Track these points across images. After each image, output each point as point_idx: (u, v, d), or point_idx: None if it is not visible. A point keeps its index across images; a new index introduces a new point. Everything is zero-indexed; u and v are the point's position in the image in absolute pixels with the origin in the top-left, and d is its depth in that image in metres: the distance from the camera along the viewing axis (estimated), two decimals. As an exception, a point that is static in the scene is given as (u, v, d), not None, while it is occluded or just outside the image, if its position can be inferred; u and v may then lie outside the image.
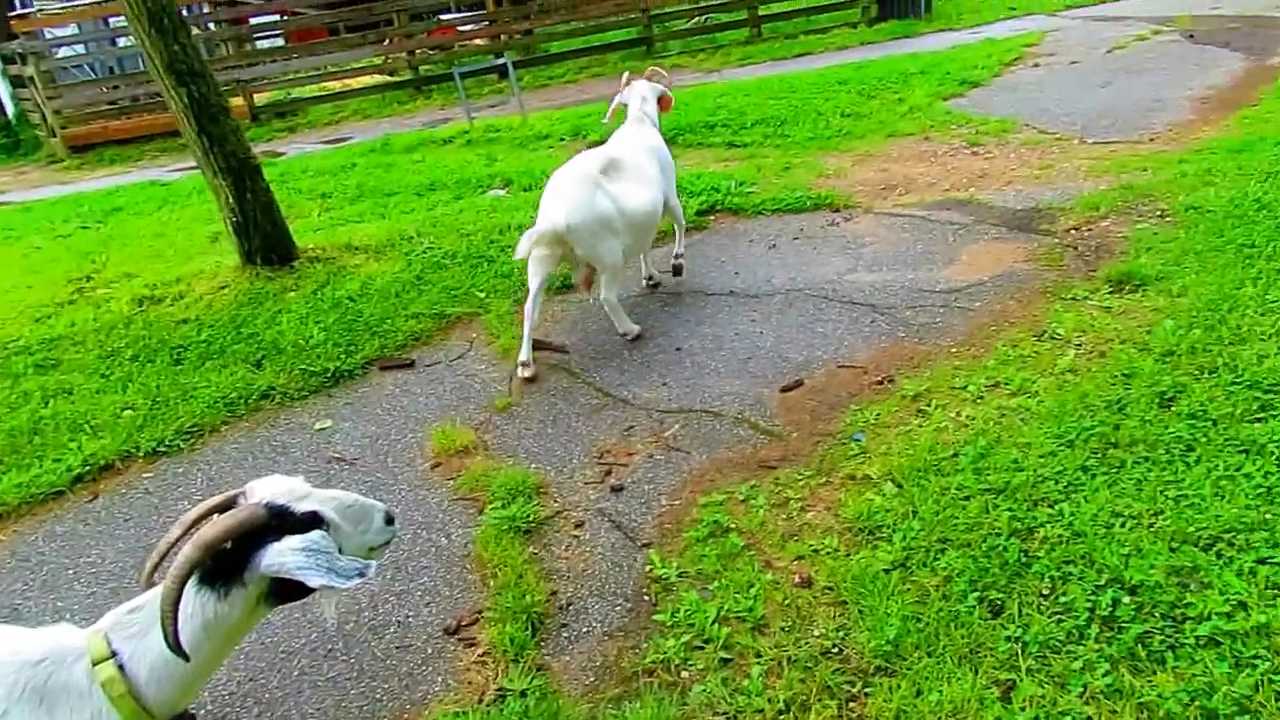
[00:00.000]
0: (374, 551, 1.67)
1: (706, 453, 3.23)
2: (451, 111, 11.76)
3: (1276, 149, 4.98)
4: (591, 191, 3.86)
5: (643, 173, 4.18)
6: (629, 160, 4.17)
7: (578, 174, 3.93)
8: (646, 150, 4.33)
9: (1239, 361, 3.02)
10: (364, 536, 1.65)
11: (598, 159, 4.06)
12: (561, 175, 3.98)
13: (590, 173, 3.93)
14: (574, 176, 3.92)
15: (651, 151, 4.35)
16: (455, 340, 4.40)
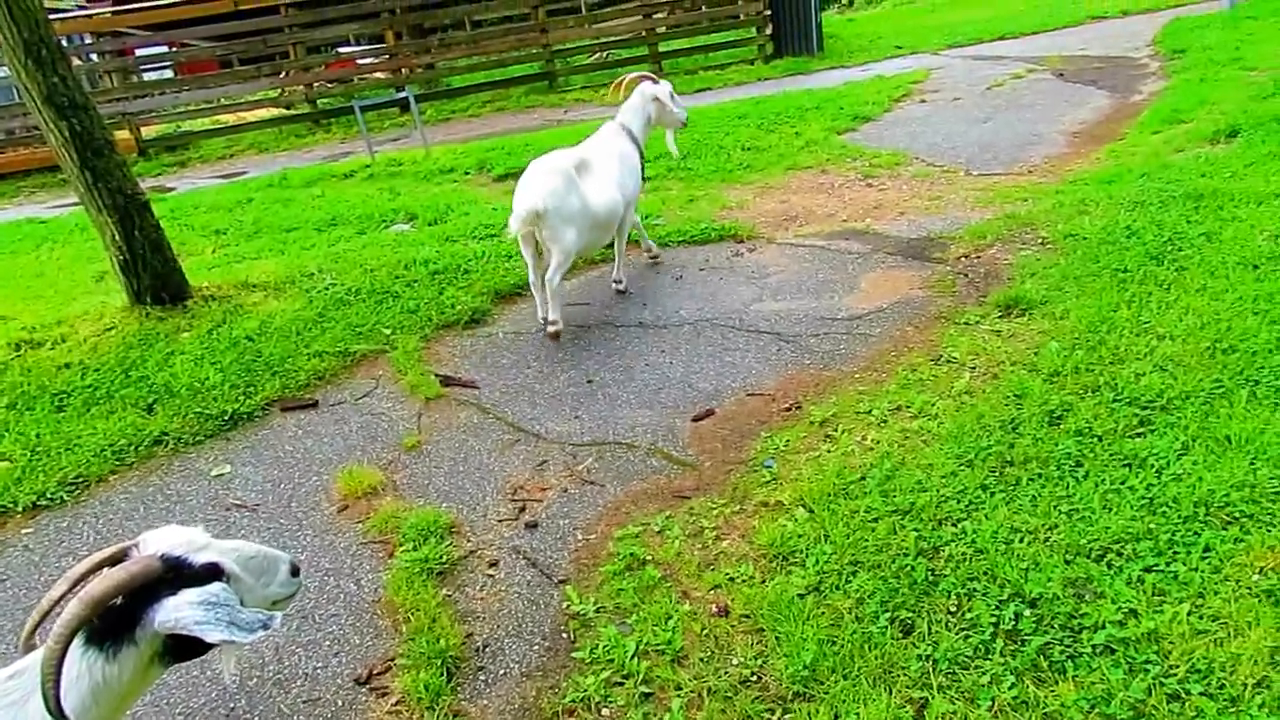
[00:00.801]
0: (278, 604, 1.59)
1: (621, 485, 3.23)
2: (352, 145, 11.56)
3: (1141, 180, 5.34)
4: (565, 183, 4.24)
5: (608, 175, 4.57)
6: (597, 162, 4.57)
7: (555, 166, 4.30)
8: (617, 156, 4.71)
9: (1119, 380, 3.20)
10: (267, 589, 1.57)
11: (572, 157, 4.43)
12: (540, 165, 4.31)
13: (565, 167, 4.31)
14: (552, 168, 4.28)
15: (620, 158, 4.72)
16: (360, 378, 4.29)
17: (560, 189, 4.20)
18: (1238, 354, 3.21)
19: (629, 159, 4.81)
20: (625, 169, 4.74)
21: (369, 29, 14.34)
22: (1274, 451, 2.64)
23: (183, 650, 1.42)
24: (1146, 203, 4.88)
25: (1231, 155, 5.44)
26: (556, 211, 4.18)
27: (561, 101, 13.27)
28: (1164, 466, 2.69)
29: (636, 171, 4.85)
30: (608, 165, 4.63)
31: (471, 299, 4.96)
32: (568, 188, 4.24)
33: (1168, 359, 3.27)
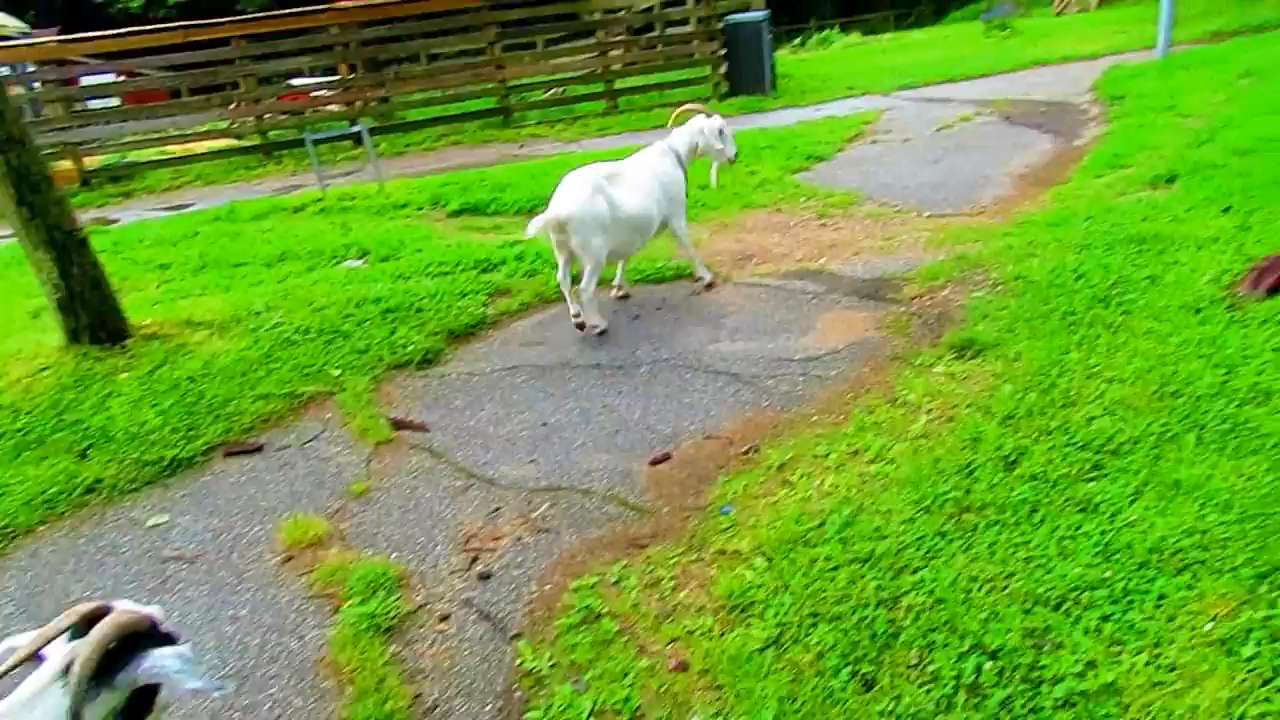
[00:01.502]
0: None
1: (577, 533, 3.16)
2: (303, 178, 11.41)
3: (1087, 223, 5.46)
4: (593, 192, 4.56)
5: (641, 185, 4.92)
6: (631, 174, 4.92)
7: (585, 177, 4.63)
8: (653, 172, 5.07)
9: (1071, 424, 3.23)
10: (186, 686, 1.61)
11: (605, 169, 4.79)
12: (572, 176, 4.68)
13: (595, 178, 4.64)
14: (581, 179, 4.62)
15: (657, 175, 5.08)
16: (308, 422, 4.16)
17: (586, 198, 4.52)
18: (1184, 398, 3.26)
19: (667, 176, 5.15)
20: (661, 185, 5.07)
21: (323, 61, 14.24)
22: (1221, 497, 2.67)
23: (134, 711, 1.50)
24: (1092, 246, 4.99)
25: (1171, 200, 5.60)
26: (581, 220, 4.48)
27: (517, 136, 13.27)
28: (1117, 512, 2.71)
29: (675, 189, 5.19)
30: (642, 178, 4.97)
31: (424, 338, 4.87)
32: (594, 196, 4.55)
33: (1117, 402, 3.32)
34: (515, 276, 5.82)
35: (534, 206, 7.91)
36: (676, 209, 5.22)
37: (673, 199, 5.17)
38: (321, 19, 13.49)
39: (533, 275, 5.83)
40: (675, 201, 5.19)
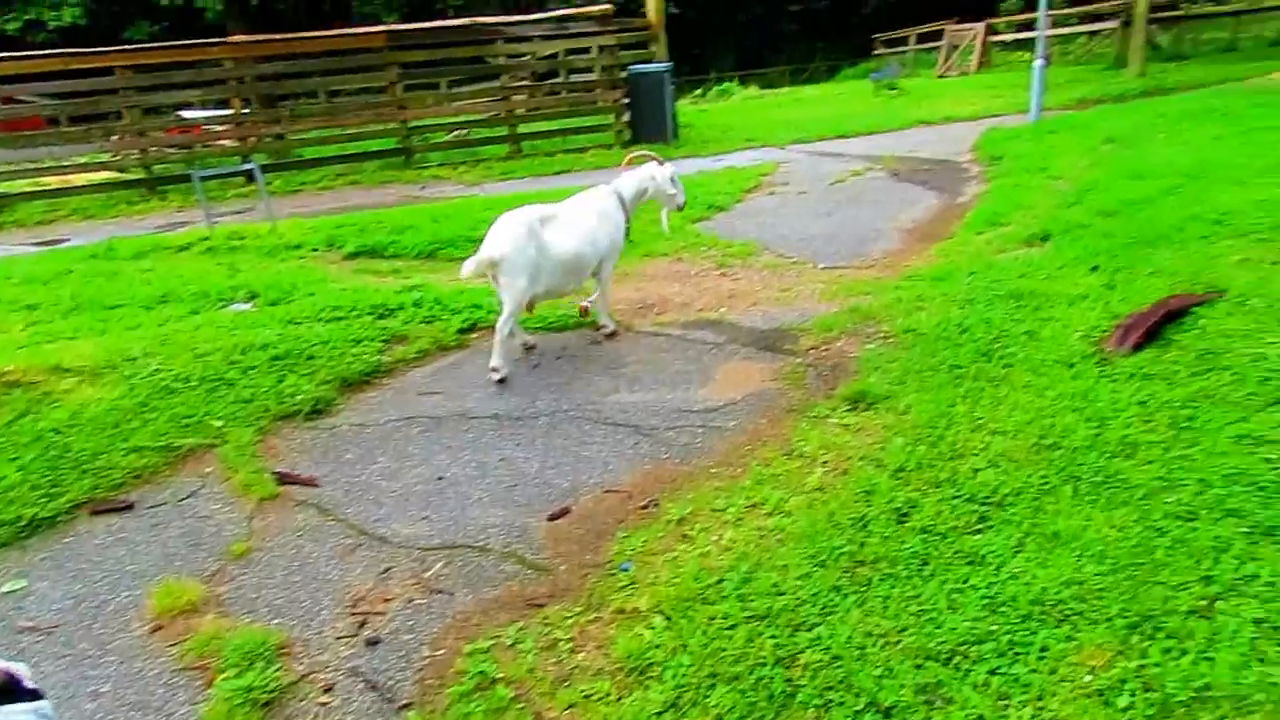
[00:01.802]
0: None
1: (471, 593, 3.06)
2: (190, 214, 10.96)
3: (969, 279, 5.73)
4: (524, 234, 4.64)
5: (576, 227, 4.96)
6: (566, 215, 4.97)
7: (517, 219, 4.70)
8: (594, 213, 5.12)
9: (958, 476, 3.34)
10: None
11: (540, 211, 4.85)
12: (505, 217, 4.73)
13: (529, 219, 4.72)
14: (514, 220, 4.70)
15: (598, 216, 5.12)
16: (185, 476, 3.94)
17: (520, 238, 4.62)
18: (1060, 450, 3.42)
19: (610, 217, 5.22)
20: (603, 225, 5.13)
21: (214, 95, 13.80)
22: (1096, 548, 2.79)
23: None
24: (975, 300, 5.22)
25: (1045, 258, 5.94)
26: (512, 261, 4.59)
27: (418, 178, 13.12)
28: (1002, 564, 2.80)
29: (616, 233, 5.26)
30: (579, 219, 5.02)
31: (315, 387, 4.69)
32: (528, 239, 4.65)
33: (1000, 455, 3.45)
34: (413, 323, 5.70)
35: (435, 250, 7.83)
36: (612, 253, 5.29)
37: (613, 242, 5.25)
38: (214, 52, 13.11)
39: (431, 322, 5.71)
40: (614, 245, 5.28)
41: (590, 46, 14.92)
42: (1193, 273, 5.01)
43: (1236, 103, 11.97)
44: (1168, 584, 2.58)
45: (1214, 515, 2.86)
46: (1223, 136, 9.54)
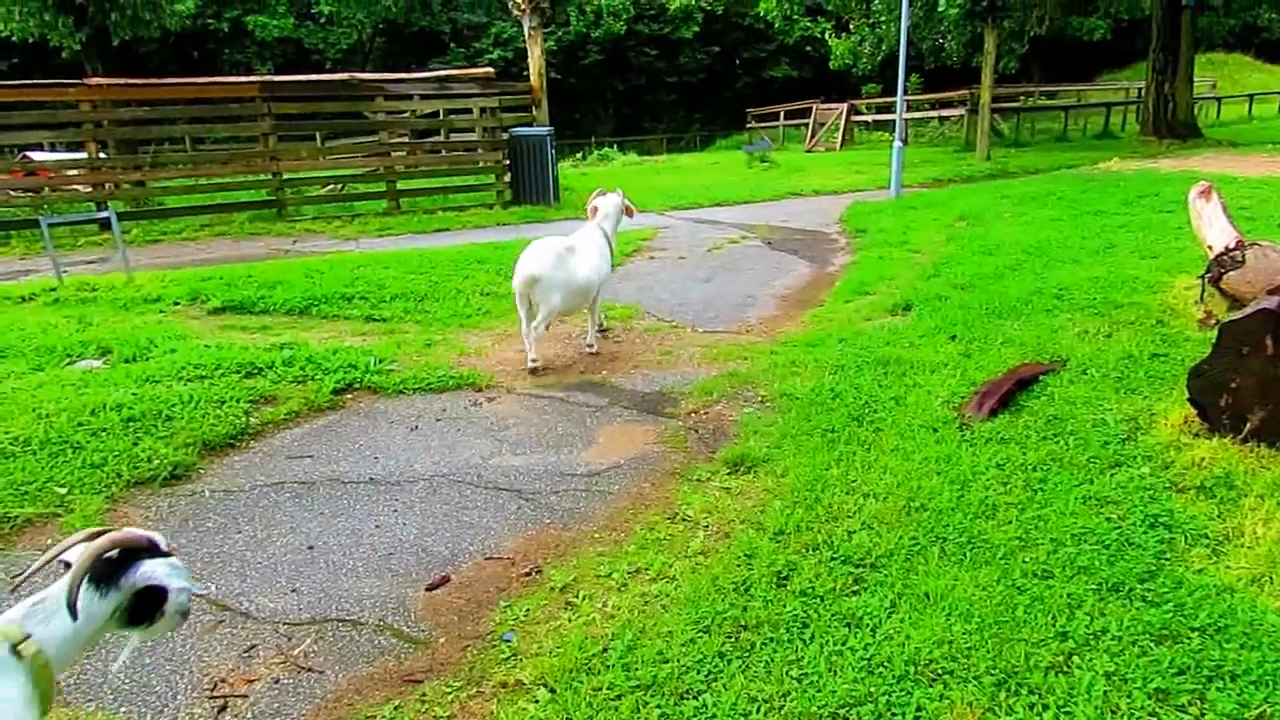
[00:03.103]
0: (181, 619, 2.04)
1: (343, 670, 2.91)
2: (35, 263, 10.24)
3: (840, 345, 6.00)
4: (555, 259, 5.75)
5: (589, 259, 6.07)
6: (581, 247, 6.08)
7: (551, 246, 5.82)
8: (596, 247, 6.22)
9: (834, 538, 3.44)
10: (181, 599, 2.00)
11: (564, 242, 5.94)
12: (539, 244, 5.82)
13: (558, 247, 5.84)
14: (548, 247, 5.80)
15: (598, 249, 6.22)
16: (23, 549, 3.59)
17: (552, 262, 5.70)
18: (928, 512, 3.58)
19: (603, 250, 6.30)
20: (600, 256, 6.19)
21: (67, 138, 13.04)
22: (963, 607, 2.92)
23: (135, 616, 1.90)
24: (845, 367, 5.46)
25: (908, 327, 6.30)
26: (548, 279, 5.66)
27: (290, 230, 12.73)
28: (877, 625, 2.89)
29: (606, 261, 6.30)
30: (589, 251, 6.11)
31: (173, 451, 4.41)
32: (558, 263, 5.75)
33: (873, 517, 3.58)
34: (283, 382, 5.46)
35: (309, 306, 7.58)
36: (605, 279, 6.32)
37: (606, 270, 6.30)
38: (69, 94, 12.43)
39: (303, 381, 5.49)
40: (606, 273, 6.31)
41: (471, 108, 15.00)
42: (1039, 343, 5.42)
43: (1070, 188, 13.17)
44: (1029, 640, 2.72)
45: (1067, 573, 3.06)
46: (1060, 218, 10.46)
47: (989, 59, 20.25)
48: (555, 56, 33.31)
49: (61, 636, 1.76)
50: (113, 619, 1.87)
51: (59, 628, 1.76)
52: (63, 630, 1.76)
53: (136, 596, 1.87)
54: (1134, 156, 18.47)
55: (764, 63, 41.52)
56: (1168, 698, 2.45)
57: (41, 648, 1.72)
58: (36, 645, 1.71)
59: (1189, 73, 22.10)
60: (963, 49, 23.87)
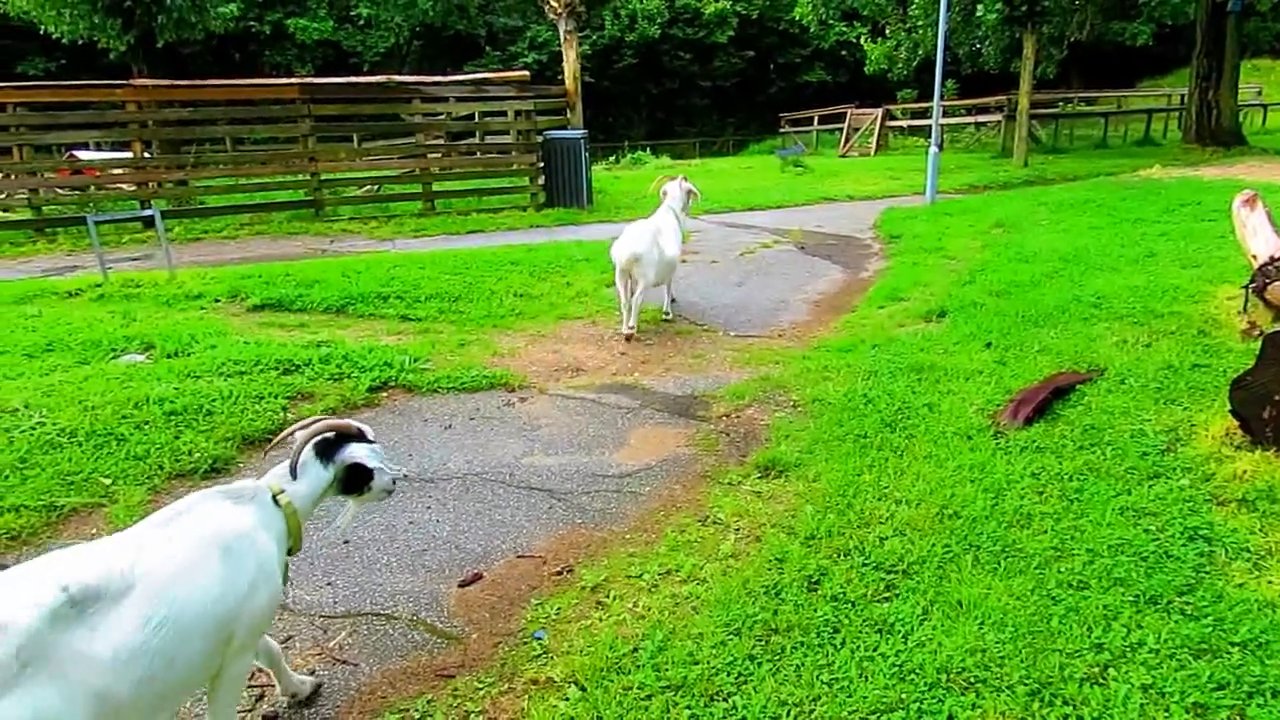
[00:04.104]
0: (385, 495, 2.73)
1: (378, 664, 2.96)
2: (81, 259, 10.48)
3: (873, 351, 5.97)
4: (652, 238, 6.78)
5: (672, 238, 7.07)
6: (664, 229, 7.07)
7: (645, 228, 6.86)
8: (673, 228, 7.19)
9: (866, 544, 3.43)
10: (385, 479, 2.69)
11: (654, 224, 7.03)
12: (635, 228, 6.85)
13: (652, 229, 6.90)
14: (644, 229, 6.84)
15: (674, 230, 7.20)
16: (68, 538, 3.68)
17: (649, 242, 6.72)
18: (961, 520, 3.56)
19: (676, 230, 7.25)
20: (675, 235, 7.16)
21: (113, 137, 13.34)
22: (996, 616, 2.90)
23: (347, 485, 2.60)
24: (879, 373, 5.44)
25: (943, 333, 6.25)
26: (646, 257, 6.67)
27: (328, 230, 12.90)
28: (909, 632, 2.88)
29: (680, 237, 7.28)
30: (670, 232, 7.11)
31: (213, 445, 4.50)
32: (652, 243, 6.75)
33: (905, 524, 3.57)
34: (320, 379, 5.55)
35: (345, 304, 7.68)
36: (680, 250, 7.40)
37: (680, 243, 7.30)
38: (116, 94, 12.71)
39: (339, 379, 5.57)
40: (680, 245, 7.34)
41: (506, 110, 15.12)
42: (1076, 352, 5.36)
43: (1109, 196, 12.97)
44: (1063, 651, 2.70)
45: (1103, 584, 3.02)
46: (1098, 226, 10.30)
47: (1027, 64, 20.01)
48: (590, 60, 33.47)
49: (303, 494, 2.47)
50: (332, 486, 2.56)
51: (300, 487, 2.47)
52: (303, 489, 2.48)
53: (347, 470, 2.55)
54: (1176, 164, 18.17)
55: (798, 67, 41.36)
56: (1206, 713, 2.42)
57: (291, 500, 2.44)
58: (288, 497, 2.44)
59: (1234, 79, 21.67)
60: (1001, 54, 23.60)
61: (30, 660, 1.72)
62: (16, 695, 1.69)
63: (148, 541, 2.09)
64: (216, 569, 2.12)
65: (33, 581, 1.85)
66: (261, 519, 2.33)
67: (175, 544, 2.10)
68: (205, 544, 2.14)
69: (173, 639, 1.97)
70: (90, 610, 1.86)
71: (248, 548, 2.22)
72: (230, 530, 2.21)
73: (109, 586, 1.92)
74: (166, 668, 1.96)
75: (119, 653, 1.87)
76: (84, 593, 1.86)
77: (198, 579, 2.08)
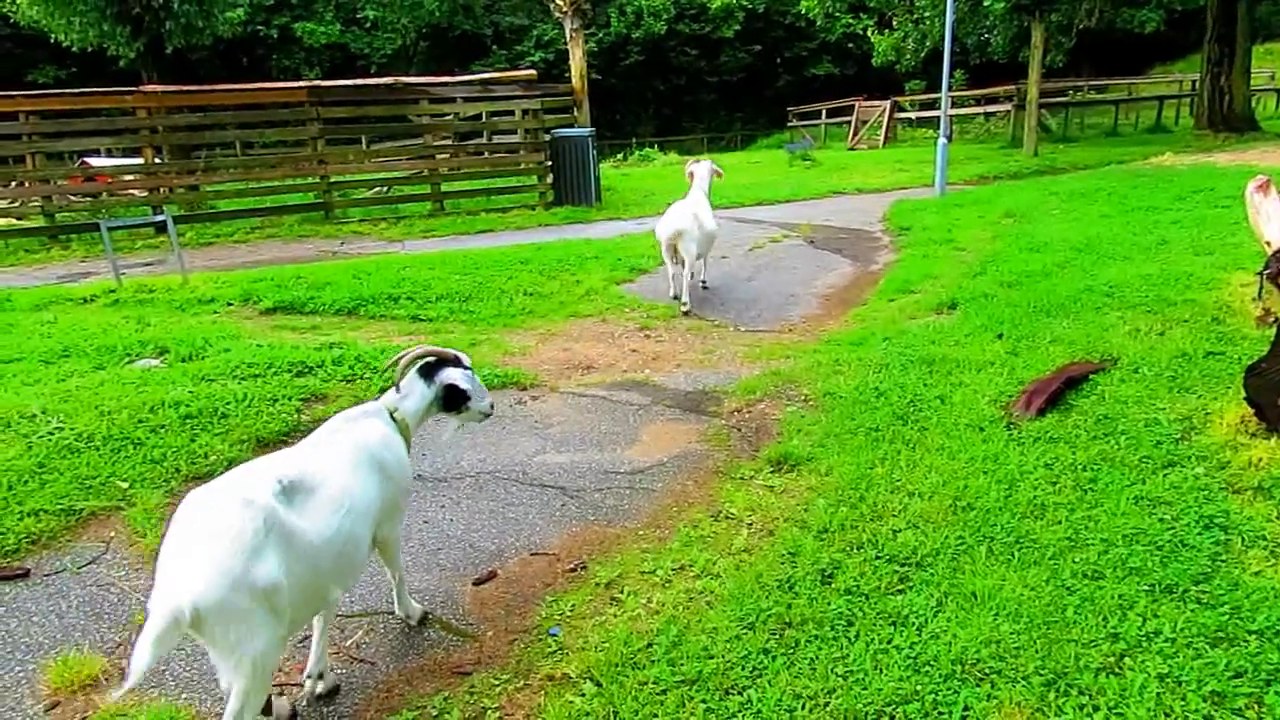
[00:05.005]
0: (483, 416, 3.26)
1: (394, 662, 2.98)
2: (95, 265, 10.57)
3: (884, 344, 5.96)
4: (692, 215, 7.48)
5: (708, 213, 7.81)
6: (701, 206, 7.75)
7: (687, 207, 7.59)
8: (706, 206, 7.88)
9: (879, 537, 3.43)
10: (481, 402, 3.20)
11: (691, 204, 7.72)
12: (677, 208, 7.62)
13: (692, 208, 7.58)
14: (684, 208, 7.58)
15: (708, 207, 7.91)
16: (87, 541, 3.73)
17: (691, 219, 7.45)
18: (974, 511, 3.55)
19: (709, 207, 7.96)
20: (710, 211, 7.91)
21: (124, 144, 13.44)
22: (1011, 607, 2.90)
23: (447, 403, 3.11)
24: (890, 365, 5.42)
25: (954, 325, 6.22)
26: (689, 232, 7.39)
27: (338, 232, 12.96)
28: (923, 624, 2.87)
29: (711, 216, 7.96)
30: (705, 209, 7.81)
31: (229, 447, 4.53)
32: (694, 220, 7.47)
33: (918, 516, 3.56)
34: (333, 381, 5.58)
35: (356, 306, 7.72)
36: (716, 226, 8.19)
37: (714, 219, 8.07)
38: (126, 100, 12.79)
39: (351, 380, 5.60)
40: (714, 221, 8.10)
41: (513, 109, 15.14)
42: (1088, 342, 5.33)
43: (1120, 184, 12.89)
44: (1079, 641, 2.69)
45: (1119, 574, 3.01)
46: (1110, 214, 10.24)
47: (1036, 53, 19.89)
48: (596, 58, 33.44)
49: (410, 409, 3.00)
50: (434, 404, 3.07)
51: (410, 404, 3.00)
52: (411, 405, 3.00)
53: (445, 390, 3.06)
54: (1188, 151, 18.03)
55: (805, 61, 41.20)
56: (1224, 701, 2.41)
57: (404, 415, 2.97)
58: (402, 414, 2.97)
59: (1246, 64, 21.46)
60: (1009, 44, 23.48)
61: (271, 529, 2.23)
62: (266, 554, 2.19)
63: (321, 451, 2.67)
64: (369, 470, 2.72)
65: (256, 475, 2.38)
66: (387, 433, 2.88)
67: (340, 451, 2.69)
68: (359, 451, 2.72)
69: (354, 521, 2.57)
70: (297, 498, 2.41)
71: (386, 453, 2.81)
72: (373, 441, 2.79)
73: (307, 481, 2.48)
74: (353, 546, 2.58)
75: (321, 531, 2.43)
76: (292, 485, 2.42)
77: (360, 477, 2.67)
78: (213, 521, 2.16)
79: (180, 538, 2.16)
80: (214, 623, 2.08)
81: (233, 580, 2.09)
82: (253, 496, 2.24)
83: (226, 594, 2.08)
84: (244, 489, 2.27)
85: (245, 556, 2.13)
